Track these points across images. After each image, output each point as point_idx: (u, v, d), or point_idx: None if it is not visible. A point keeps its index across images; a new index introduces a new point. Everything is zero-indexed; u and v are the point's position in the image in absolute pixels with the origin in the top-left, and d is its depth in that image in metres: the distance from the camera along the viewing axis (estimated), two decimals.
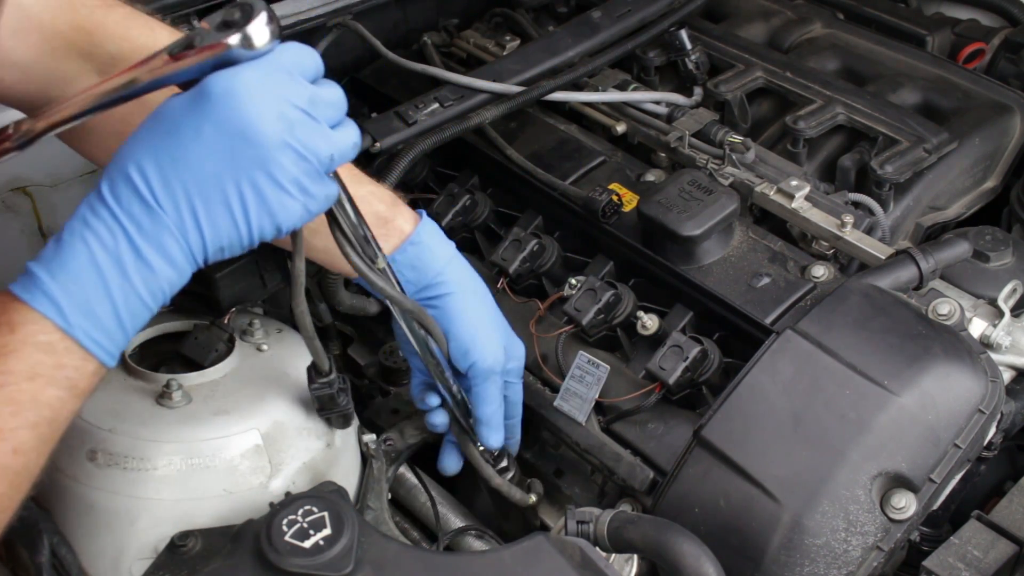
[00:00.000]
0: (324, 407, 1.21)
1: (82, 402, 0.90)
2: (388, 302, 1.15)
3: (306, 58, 0.92)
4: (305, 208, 0.93)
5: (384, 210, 1.23)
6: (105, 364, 0.89)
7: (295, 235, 1.02)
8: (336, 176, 0.99)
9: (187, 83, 0.89)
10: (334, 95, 0.94)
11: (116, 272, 0.87)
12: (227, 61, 0.87)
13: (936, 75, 1.78)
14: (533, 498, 1.38)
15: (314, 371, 1.18)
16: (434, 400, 1.31)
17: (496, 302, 1.33)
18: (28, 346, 0.85)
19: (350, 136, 0.96)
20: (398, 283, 1.16)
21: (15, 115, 0.96)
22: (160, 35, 1.11)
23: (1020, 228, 1.62)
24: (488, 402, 1.28)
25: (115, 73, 0.90)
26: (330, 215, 1.03)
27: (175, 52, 0.88)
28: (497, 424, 1.30)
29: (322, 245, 1.14)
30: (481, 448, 1.33)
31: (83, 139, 1.16)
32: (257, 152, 0.87)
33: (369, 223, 1.15)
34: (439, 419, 1.33)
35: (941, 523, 1.41)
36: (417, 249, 1.23)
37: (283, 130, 0.88)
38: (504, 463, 1.37)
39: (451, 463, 1.38)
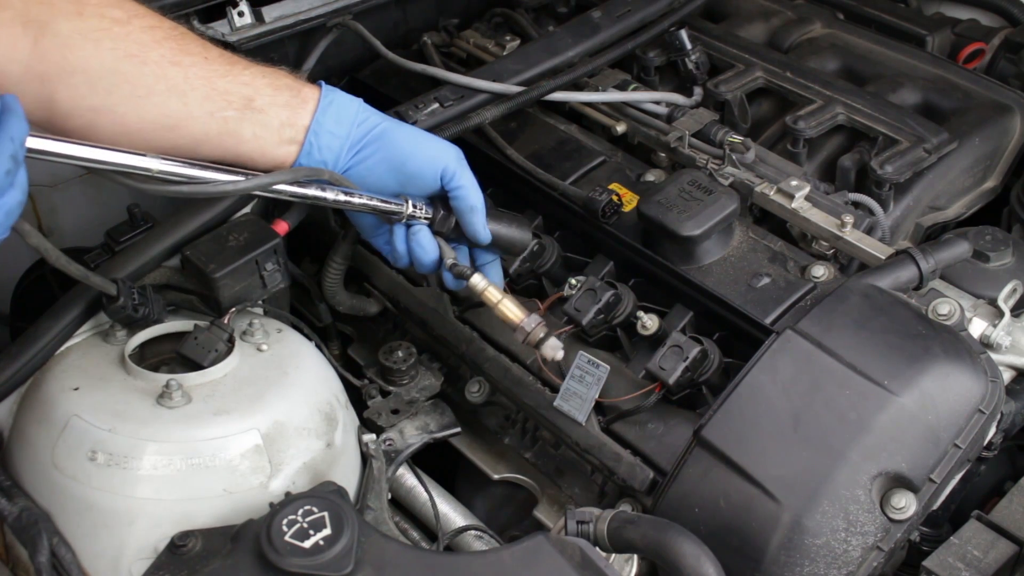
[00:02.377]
0: (128, 325, 1.28)
1: None
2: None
3: None
4: None
5: (291, 82, 1.26)
6: None
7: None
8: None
9: None
10: None
11: None
12: None
13: (936, 75, 1.78)
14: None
15: (105, 300, 1.24)
16: (426, 237, 1.33)
17: None
18: None
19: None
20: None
21: None
22: None
23: (1020, 228, 1.62)
24: (474, 188, 1.32)
25: None
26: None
27: None
28: (484, 214, 1.34)
29: (250, 133, 1.19)
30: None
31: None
32: None
33: (284, 96, 1.22)
34: (452, 282, 1.36)
35: (941, 523, 1.41)
36: (334, 106, 1.26)
37: None
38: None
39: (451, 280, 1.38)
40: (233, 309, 1.33)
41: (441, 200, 1.34)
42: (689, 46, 1.76)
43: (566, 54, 1.71)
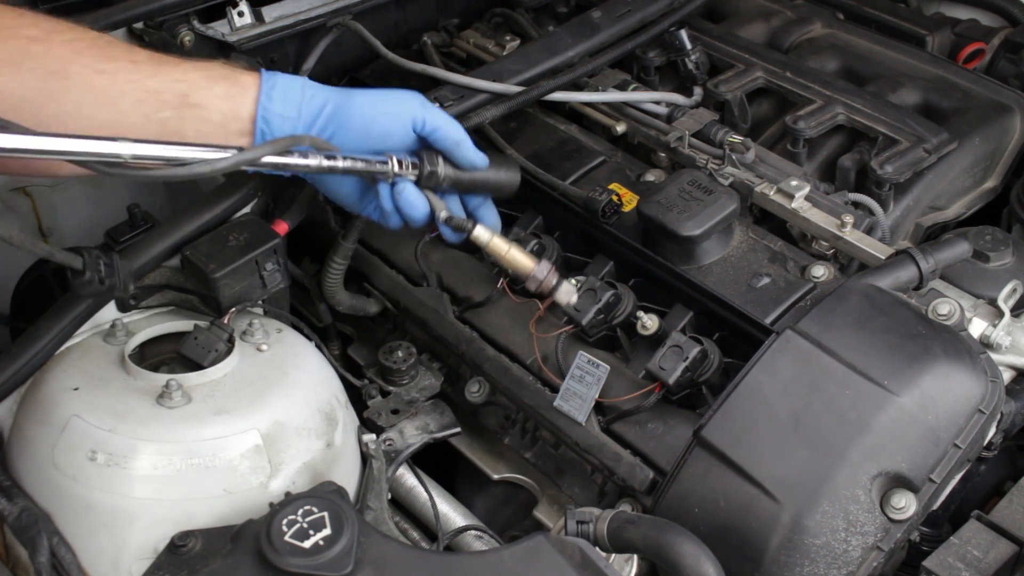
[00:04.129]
0: (97, 297, 1.24)
1: None
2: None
3: None
4: None
5: (228, 72, 1.22)
6: None
7: None
8: None
9: None
10: None
11: None
12: None
13: (936, 75, 1.78)
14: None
15: (71, 274, 1.17)
16: (409, 192, 1.29)
17: (496, 303, 1.33)
18: None
19: None
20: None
21: None
22: None
23: (1020, 228, 1.62)
24: (449, 124, 1.29)
25: None
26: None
27: None
28: (470, 142, 1.32)
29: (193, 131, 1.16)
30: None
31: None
32: None
33: (221, 88, 1.18)
34: (451, 235, 1.35)
35: (941, 523, 1.41)
36: (278, 89, 1.22)
37: None
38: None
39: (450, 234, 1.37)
40: (233, 309, 1.33)
41: (424, 155, 1.30)
42: (689, 46, 1.76)
43: (566, 54, 1.71)
